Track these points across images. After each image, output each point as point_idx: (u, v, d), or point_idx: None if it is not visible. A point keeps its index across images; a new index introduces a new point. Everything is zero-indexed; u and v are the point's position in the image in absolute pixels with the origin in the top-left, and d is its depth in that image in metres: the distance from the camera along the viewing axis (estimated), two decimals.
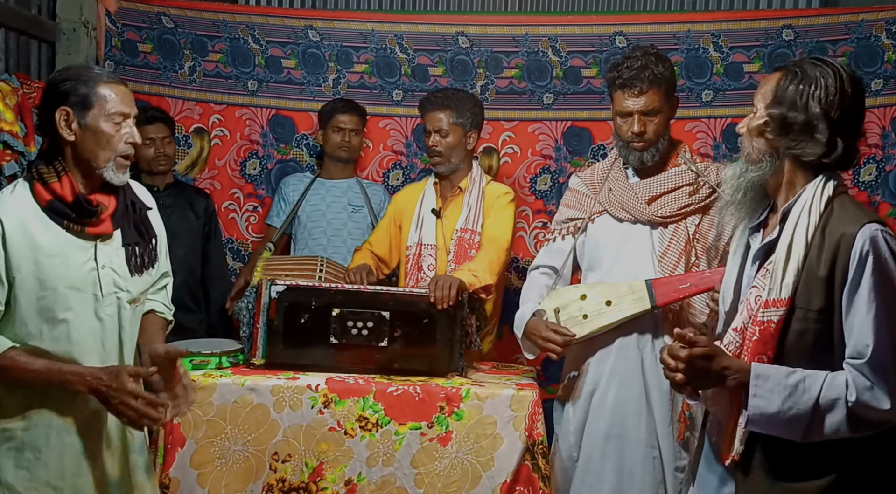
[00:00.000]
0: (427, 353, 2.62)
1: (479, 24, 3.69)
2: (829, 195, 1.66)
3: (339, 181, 3.51)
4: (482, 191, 3.02)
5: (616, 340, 2.44)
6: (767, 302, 1.65)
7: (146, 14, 3.70)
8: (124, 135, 1.94)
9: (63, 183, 1.91)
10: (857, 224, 1.60)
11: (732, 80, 3.49)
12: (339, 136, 3.43)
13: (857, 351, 1.58)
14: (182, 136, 3.73)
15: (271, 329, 2.59)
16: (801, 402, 1.59)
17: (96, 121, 1.91)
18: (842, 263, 1.60)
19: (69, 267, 1.91)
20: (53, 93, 1.92)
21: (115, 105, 1.92)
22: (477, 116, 3.07)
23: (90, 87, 1.91)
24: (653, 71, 2.38)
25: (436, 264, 2.99)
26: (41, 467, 1.93)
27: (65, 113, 1.90)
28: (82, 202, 1.92)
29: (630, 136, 2.43)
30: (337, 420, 2.48)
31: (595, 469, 2.44)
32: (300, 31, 3.70)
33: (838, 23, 3.41)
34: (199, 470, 2.47)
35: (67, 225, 1.92)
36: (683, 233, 2.44)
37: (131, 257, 2.02)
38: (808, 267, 1.63)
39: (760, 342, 1.66)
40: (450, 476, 2.47)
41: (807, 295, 1.63)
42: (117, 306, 2.00)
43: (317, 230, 3.44)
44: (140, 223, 2.06)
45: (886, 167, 3.39)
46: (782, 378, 1.61)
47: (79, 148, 1.92)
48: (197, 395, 2.40)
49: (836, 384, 1.58)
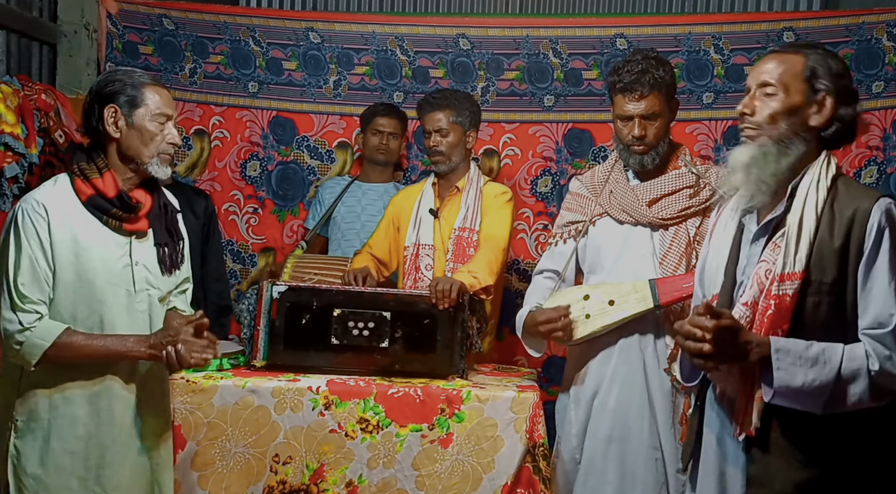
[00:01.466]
0: (428, 355, 2.61)
1: (480, 26, 3.69)
2: (833, 173, 1.71)
3: (377, 185, 3.52)
4: (480, 190, 3.03)
5: (618, 342, 2.44)
6: (782, 277, 1.67)
7: (147, 16, 3.70)
8: (166, 135, 2.05)
9: (105, 179, 2.01)
10: (872, 198, 1.66)
11: (733, 82, 3.49)
12: (378, 139, 3.44)
13: (879, 321, 1.61)
14: (182, 138, 3.72)
15: (272, 330, 2.59)
16: (824, 374, 1.61)
17: (142, 120, 2.02)
18: (857, 236, 1.64)
19: (105, 261, 2.01)
20: (103, 92, 2.03)
21: (159, 106, 2.04)
22: (475, 115, 3.10)
23: (138, 89, 2.03)
24: (653, 75, 2.39)
25: (433, 264, 2.99)
26: (67, 457, 1.99)
27: (113, 110, 2.01)
28: (125, 198, 2.02)
29: (630, 140, 2.43)
30: (338, 421, 2.48)
31: (597, 471, 2.43)
32: (301, 32, 3.70)
33: (839, 25, 3.42)
34: (199, 472, 2.47)
35: (107, 220, 2.01)
36: (684, 235, 2.45)
37: (162, 256, 2.13)
38: (821, 240, 1.66)
39: (777, 315, 1.67)
40: (450, 478, 2.47)
41: (820, 268, 1.66)
42: (148, 302, 2.10)
43: (350, 232, 3.45)
44: (171, 224, 2.16)
45: (887, 169, 3.39)
46: (802, 350, 1.63)
47: (123, 145, 2.03)
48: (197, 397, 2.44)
49: (857, 354, 1.61)
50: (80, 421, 2.00)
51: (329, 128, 3.73)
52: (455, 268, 2.89)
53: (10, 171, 2.85)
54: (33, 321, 1.92)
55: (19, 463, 1.98)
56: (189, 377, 2.50)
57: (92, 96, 2.05)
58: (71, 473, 1.99)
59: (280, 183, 3.72)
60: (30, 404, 1.99)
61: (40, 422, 1.98)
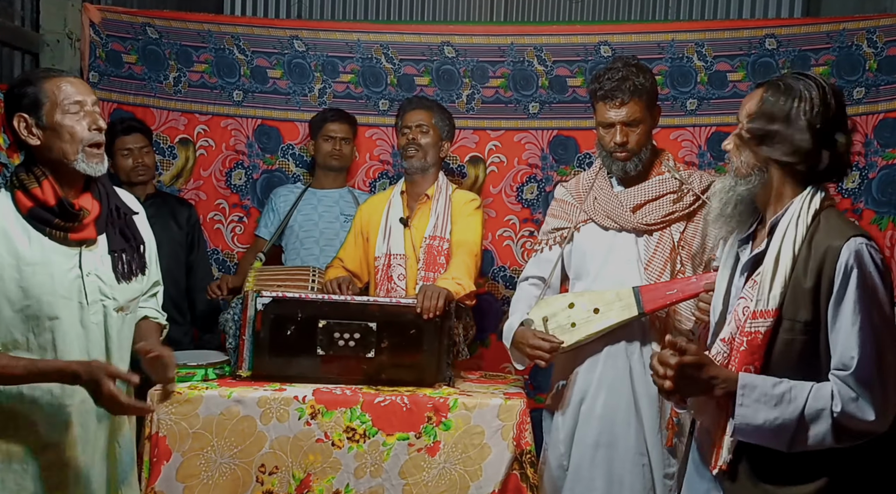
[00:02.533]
0: (414, 363, 2.61)
1: (465, 34, 3.69)
2: (815, 208, 1.69)
3: (331, 191, 3.51)
4: (449, 198, 3.04)
5: (604, 348, 2.45)
6: (755, 313, 1.67)
7: (131, 25, 3.69)
8: (87, 123, 1.91)
9: (44, 187, 1.89)
10: (843, 237, 1.62)
11: (716, 88, 3.51)
12: (330, 145, 3.44)
13: (843, 362, 1.60)
14: (167, 147, 3.71)
15: (257, 341, 2.57)
16: (787, 412, 1.60)
17: (52, 118, 1.89)
18: (827, 276, 1.62)
19: (53, 275, 1.89)
20: (9, 103, 1.91)
21: (66, 95, 1.90)
22: (451, 129, 3.16)
23: (37, 86, 1.89)
24: (633, 82, 2.40)
25: (406, 273, 2.98)
26: (29, 479, 1.91)
27: (22, 119, 1.90)
28: (65, 205, 1.90)
29: (612, 147, 2.45)
30: (324, 431, 2.47)
31: (585, 477, 2.44)
32: (285, 41, 3.70)
33: (820, 32, 3.45)
34: (185, 484, 2.45)
35: (50, 231, 1.90)
36: (668, 241, 2.46)
37: (118, 264, 2.00)
38: (795, 278, 1.65)
39: (748, 352, 1.67)
40: (438, 486, 2.46)
41: (794, 307, 1.65)
42: (103, 314, 1.98)
43: (309, 240, 3.43)
44: (126, 229, 2.04)
45: (869, 174, 3.42)
46: (769, 388, 1.62)
47: (46, 149, 1.90)
48: (182, 408, 2.42)
49: (822, 394, 1.60)
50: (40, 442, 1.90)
51: None
52: (427, 277, 2.89)
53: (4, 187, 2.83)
54: None
55: None
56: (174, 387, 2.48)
57: (5, 108, 1.93)
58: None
59: (265, 191, 3.70)
60: None
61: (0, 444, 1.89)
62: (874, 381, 1.58)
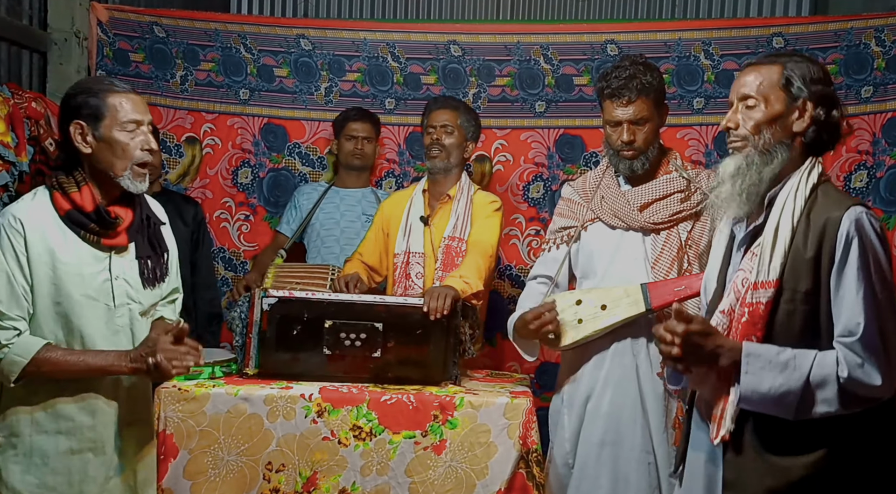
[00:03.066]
0: (420, 362, 2.61)
1: (471, 32, 3.70)
2: (813, 182, 1.73)
3: (354, 190, 3.52)
4: (470, 199, 3.03)
5: (611, 346, 2.44)
6: (756, 285, 1.70)
7: (138, 24, 3.70)
8: (139, 142, 1.97)
9: (83, 193, 1.97)
10: (843, 207, 1.66)
11: (724, 87, 3.50)
12: (352, 144, 3.45)
13: (848, 329, 1.62)
14: (174, 145, 3.72)
15: (264, 339, 2.58)
16: (793, 379, 1.62)
17: (109, 132, 1.95)
18: (829, 245, 1.65)
19: (83, 276, 1.97)
20: (67, 107, 1.98)
21: (126, 113, 1.96)
22: (477, 130, 3.14)
23: (100, 98, 1.95)
24: (641, 80, 2.40)
25: (424, 272, 2.99)
26: (48, 473, 1.97)
27: (79, 126, 1.95)
28: (102, 213, 1.97)
29: (620, 145, 2.44)
30: (331, 429, 2.47)
31: (590, 476, 2.43)
32: (292, 39, 3.70)
33: (828, 30, 3.44)
34: (192, 481, 2.46)
35: (85, 235, 1.97)
36: (676, 240, 2.45)
37: (144, 270, 2.08)
38: (795, 249, 1.68)
39: (749, 323, 1.70)
40: (444, 484, 2.47)
41: (794, 277, 1.67)
42: (129, 317, 2.06)
43: (330, 238, 3.44)
44: (154, 237, 2.12)
45: (877, 173, 3.41)
46: (773, 356, 1.65)
47: (95, 159, 1.97)
48: (189, 405, 2.43)
49: (827, 361, 1.62)
50: (62, 438, 1.97)
51: (320, 135, 3.73)
52: (444, 277, 2.89)
53: (0, 180, 2.84)
54: (11, 337, 1.89)
55: (1, 479, 1.95)
56: (181, 385, 2.49)
57: (60, 112, 2.00)
58: (53, 490, 1.97)
59: (271, 190, 3.72)
60: (11, 421, 1.96)
61: (22, 439, 1.96)
62: (879, 346, 1.61)
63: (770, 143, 1.74)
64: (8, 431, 1.96)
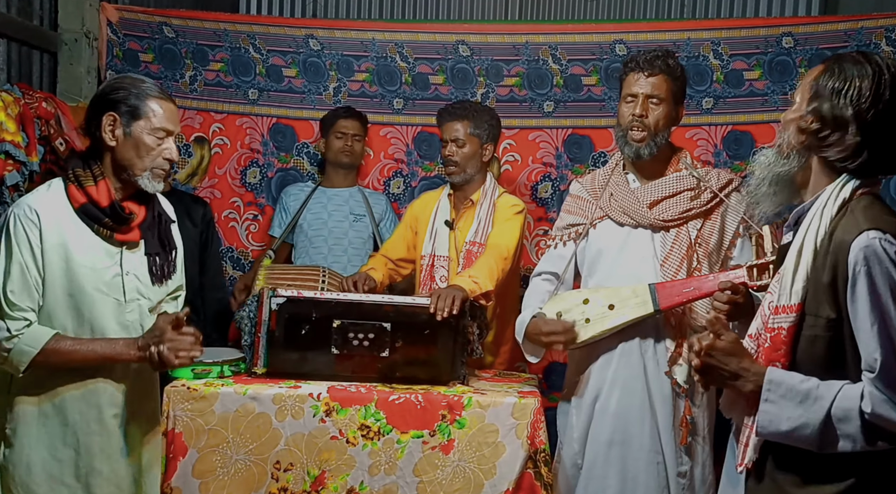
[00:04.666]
0: (429, 362, 2.61)
1: (480, 32, 3.70)
2: (844, 198, 1.58)
3: (341, 189, 3.52)
4: (493, 203, 3.03)
5: (618, 346, 2.44)
6: (778, 309, 1.61)
7: (148, 24, 3.71)
8: (164, 150, 2.01)
9: (99, 187, 1.99)
10: (855, 231, 1.52)
11: (733, 87, 3.49)
12: (342, 142, 3.45)
13: (868, 364, 1.51)
14: (182, 145, 3.73)
15: (272, 338, 2.58)
16: (812, 411, 1.53)
17: (140, 132, 1.98)
18: (842, 272, 1.53)
19: (95, 270, 1.99)
20: (105, 98, 2.00)
21: (160, 120, 2.00)
22: (493, 129, 3.10)
23: (141, 99, 1.99)
24: (667, 62, 2.45)
25: (448, 275, 3.00)
26: (56, 465, 1.99)
27: (112, 118, 1.98)
28: (117, 208, 2.00)
29: (630, 120, 2.43)
30: (339, 428, 2.48)
31: (599, 476, 2.43)
32: (301, 40, 3.71)
33: (838, 30, 3.42)
34: (200, 480, 2.46)
35: (98, 229, 1.99)
36: (685, 238, 2.44)
37: (153, 267, 2.10)
38: (815, 272, 1.57)
39: (772, 349, 1.61)
40: (452, 484, 2.46)
41: (815, 302, 1.57)
42: (139, 312, 2.08)
43: (318, 239, 3.44)
44: (164, 235, 2.14)
45: None
46: (796, 384, 1.55)
47: (118, 154, 2.00)
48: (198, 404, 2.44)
49: (851, 394, 1.51)
50: (69, 429, 1.99)
51: None
52: (456, 275, 2.89)
53: (10, 179, 2.86)
54: (21, 328, 1.91)
55: (8, 472, 1.97)
56: (190, 384, 2.50)
57: (95, 100, 2.03)
58: (60, 481, 1.99)
59: (280, 190, 3.72)
60: (19, 412, 1.98)
61: (29, 430, 1.97)
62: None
63: (787, 144, 1.66)
64: (16, 423, 1.98)
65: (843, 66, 1.59)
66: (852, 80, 1.56)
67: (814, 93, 1.61)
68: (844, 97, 1.56)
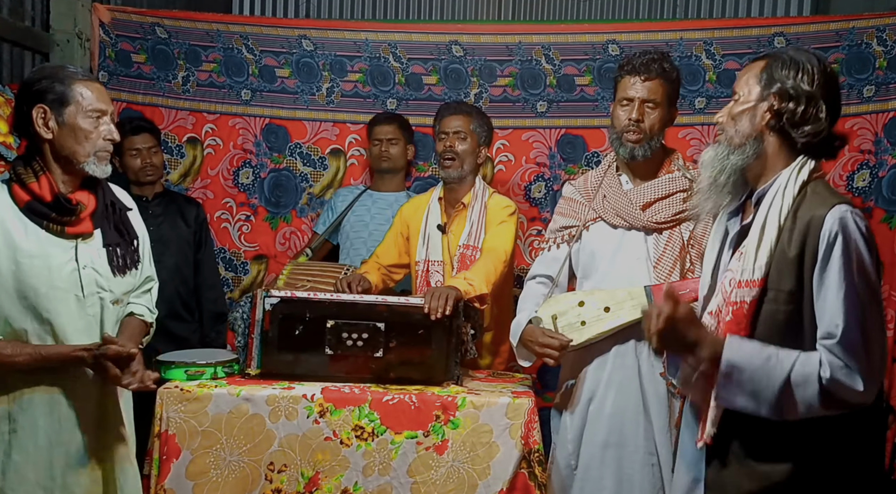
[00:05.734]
0: (423, 362, 2.61)
1: (473, 32, 3.70)
2: (803, 179, 1.69)
3: (387, 194, 3.53)
4: (485, 205, 3.03)
5: (613, 348, 2.44)
6: (741, 284, 1.68)
7: (140, 25, 3.70)
8: (102, 131, 1.96)
9: (41, 183, 1.94)
10: (827, 206, 1.62)
11: (725, 87, 3.50)
12: (378, 148, 3.48)
13: (828, 331, 1.59)
14: (175, 146, 3.72)
15: (266, 339, 2.58)
16: (773, 375, 1.59)
17: (74, 118, 1.93)
18: (812, 245, 1.62)
19: (50, 267, 1.94)
20: (29, 91, 1.94)
21: (91, 102, 1.95)
22: (489, 133, 3.12)
23: (66, 85, 1.94)
24: (662, 65, 2.45)
25: (443, 280, 2.99)
26: (30, 468, 1.95)
27: (42, 110, 1.93)
28: (61, 201, 1.94)
29: (626, 124, 2.44)
30: (332, 429, 2.47)
31: (594, 477, 2.43)
32: (294, 40, 3.71)
33: (829, 30, 3.44)
34: (194, 481, 2.45)
35: (47, 225, 1.94)
36: (678, 240, 2.45)
37: (113, 257, 2.05)
38: (780, 248, 1.65)
39: (733, 322, 1.68)
40: (446, 484, 2.46)
41: (778, 277, 1.65)
42: (100, 306, 2.03)
43: (358, 241, 3.46)
44: (121, 224, 2.08)
45: (879, 173, 3.41)
46: (756, 349, 1.62)
47: (57, 145, 1.94)
48: (191, 406, 2.43)
49: (810, 361, 1.59)
50: (41, 430, 1.95)
51: (322, 135, 3.73)
52: (451, 277, 2.89)
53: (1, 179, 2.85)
54: None
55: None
56: (183, 386, 2.49)
57: (20, 95, 1.97)
58: (35, 483, 1.95)
59: (273, 190, 3.72)
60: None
61: (1, 436, 1.94)
62: (860, 349, 1.57)
63: (741, 134, 1.75)
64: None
65: (787, 56, 1.73)
66: (803, 65, 1.70)
67: (766, 80, 1.73)
68: (802, 78, 1.69)
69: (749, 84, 1.75)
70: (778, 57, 1.74)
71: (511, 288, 3.11)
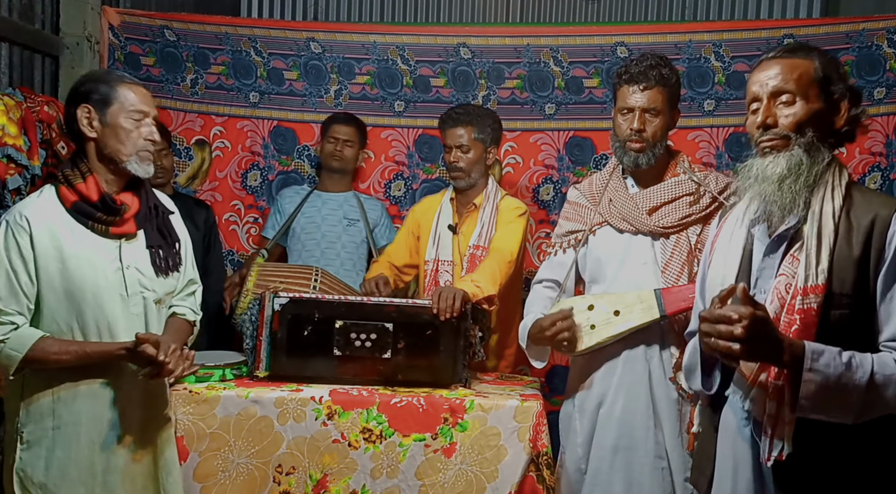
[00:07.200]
0: (431, 364, 2.61)
1: (481, 35, 3.70)
2: (846, 180, 1.69)
3: (336, 194, 3.51)
4: (496, 206, 3.03)
5: (622, 352, 2.43)
6: (806, 290, 1.62)
7: (149, 27, 3.72)
8: (144, 132, 2.04)
9: (88, 183, 2.01)
10: (891, 206, 1.63)
11: (734, 89, 3.49)
12: (332, 146, 3.46)
13: None
14: (183, 148, 3.74)
15: (274, 341, 2.58)
16: (856, 378, 1.55)
17: (116, 118, 2.01)
18: (877, 245, 1.61)
19: (95, 267, 2.00)
20: (76, 93, 2.04)
21: (134, 103, 2.03)
22: (496, 132, 3.11)
23: (110, 87, 2.03)
24: (661, 71, 2.41)
25: (452, 280, 2.99)
26: (72, 465, 2.01)
27: (86, 110, 2.01)
28: (107, 201, 2.02)
29: (628, 134, 2.42)
30: (341, 431, 2.47)
31: (603, 482, 2.42)
32: (302, 43, 3.71)
33: (839, 32, 3.42)
34: (202, 484, 2.46)
35: (92, 225, 2.01)
36: (686, 243, 2.43)
37: (155, 258, 2.12)
38: (839, 250, 1.63)
39: (801, 329, 1.61)
40: (454, 487, 2.46)
41: (841, 279, 1.62)
42: (143, 305, 2.10)
43: (311, 242, 3.44)
44: (163, 226, 2.16)
45: (891, 175, 3.39)
46: (836, 352, 1.57)
47: (101, 144, 2.02)
48: (200, 408, 2.44)
49: (885, 362, 1.57)
50: (83, 429, 2.01)
51: None
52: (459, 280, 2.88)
53: (12, 183, 2.86)
54: (7, 332, 1.94)
55: (25, 474, 1.99)
56: (191, 387, 2.49)
57: (69, 99, 2.06)
58: (77, 480, 2.00)
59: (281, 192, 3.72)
60: (33, 415, 2.00)
61: (45, 432, 1.99)
62: None
63: (813, 142, 1.69)
64: (31, 425, 2.00)
65: (821, 53, 1.74)
66: (837, 62, 1.74)
67: (821, 82, 1.71)
68: (841, 77, 1.72)
69: (808, 86, 1.70)
70: (825, 57, 1.74)
71: (518, 292, 3.10)
